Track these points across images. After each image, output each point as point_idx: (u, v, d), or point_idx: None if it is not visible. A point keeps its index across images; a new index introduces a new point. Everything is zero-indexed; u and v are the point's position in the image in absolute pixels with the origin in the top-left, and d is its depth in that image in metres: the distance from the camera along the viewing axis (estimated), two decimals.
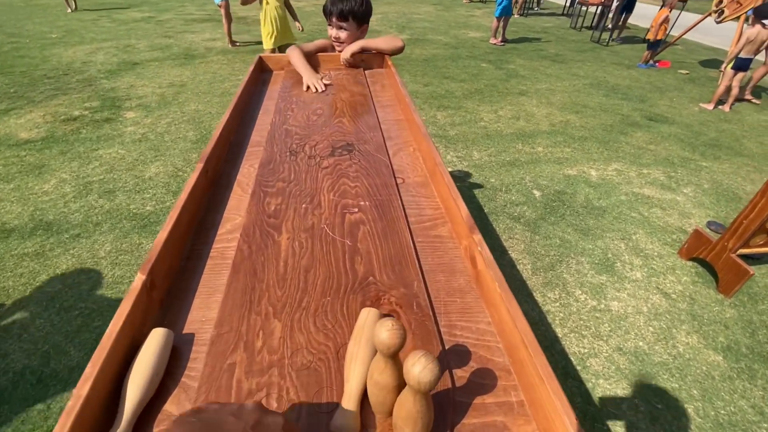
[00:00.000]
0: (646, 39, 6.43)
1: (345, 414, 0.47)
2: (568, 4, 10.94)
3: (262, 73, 1.63)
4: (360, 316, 0.56)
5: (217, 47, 6.24)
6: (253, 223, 0.79)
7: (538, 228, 2.55)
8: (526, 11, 10.81)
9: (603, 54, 7.02)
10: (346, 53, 1.59)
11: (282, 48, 4.33)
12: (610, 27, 7.94)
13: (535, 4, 12.00)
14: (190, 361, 0.56)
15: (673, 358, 1.76)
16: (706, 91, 5.30)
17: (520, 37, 7.98)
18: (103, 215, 2.44)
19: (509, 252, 2.33)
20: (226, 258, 0.74)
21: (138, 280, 0.58)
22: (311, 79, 1.46)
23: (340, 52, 1.63)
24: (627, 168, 3.34)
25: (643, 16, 9.52)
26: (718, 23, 5.97)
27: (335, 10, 1.57)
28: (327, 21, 1.65)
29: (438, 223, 0.85)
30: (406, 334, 0.42)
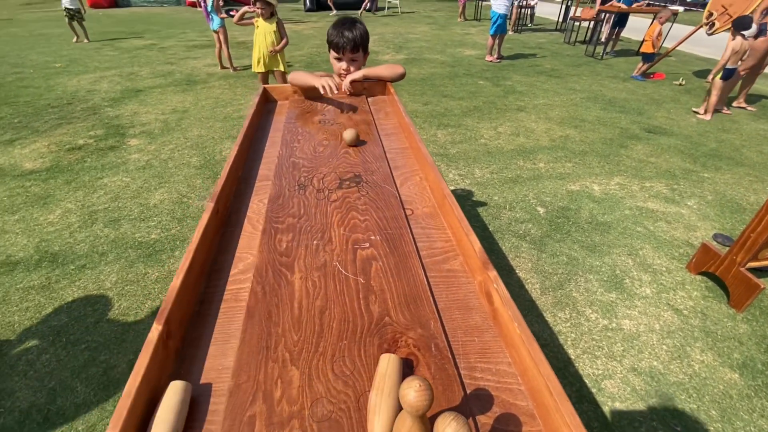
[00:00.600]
0: (641, 52, 6.54)
1: None
2: (561, 19, 11.18)
3: (267, 104, 1.65)
4: (380, 363, 0.55)
5: (218, 72, 6.35)
6: (266, 263, 0.79)
7: (545, 246, 2.54)
8: (519, 28, 11.03)
9: (598, 68, 7.13)
10: (347, 81, 1.60)
11: (268, 74, 4.38)
12: (604, 41, 8.07)
13: (529, 20, 12.25)
14: (209, 414, 0.55)
15: (689, 378, 1.73)
16: (702, 101, 5.35)
17: (516, 53, 8.12)
18: (109, 244, 2.45)
19: (517, 271, 2.32)
20: (240, 300, 0.73)
21: (154, 331, 0.58)
22: (325, 80, 1.42)
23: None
24: (629, 181, 3.35)
25: (636, 29, 9.70)
26: (709, 35, 6.08)
27: (347, 42, 1.55)
28: (336, 54, 1.61)
29: (450, 257, 0.84)
30: (434, 394, 0.41)
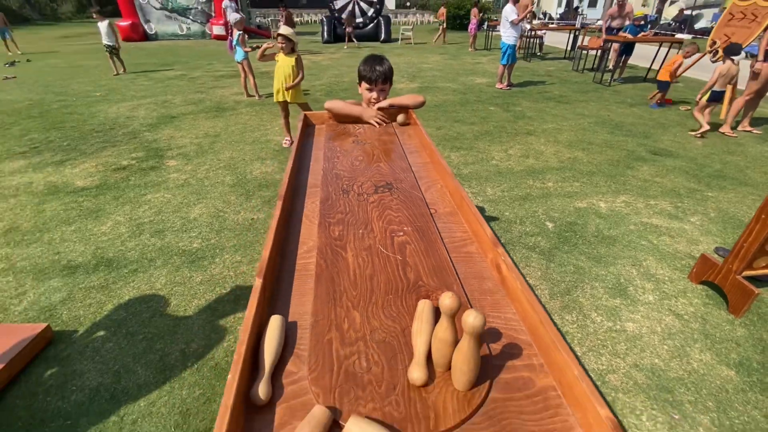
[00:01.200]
0: (657, 80, 6.68)
1: (418, 368, 0.67)
2: (570, 48, 11.60)
3: (307, 128, 1.93)
4: (419, 306, 0.78)
5: (245, 100, 6.82)
6: (325, 245, 1.03)
7: (553, 256, 2.72)
8: (529, 57, 11.46)
9: (606, 94, 7.39)
10: (374, 110, 1.88)
11: (287, 103, 4.60)
12: (611, 68, 8.38)
13: (538, 49, 12.72)
14: (298, 339, 0.78)
15: (688, 374, 1.87)
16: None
17: (525, 80, 8.46)
18: (156, 252, 2.72)
19: (527, 279, 2.50)
20: (309, 270, 0.97)
21: (258, 283, 0.82)
22: (370, 114, 1.69)
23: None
24: (635, 200, 3.53)
25: (643, 56, 10.00)
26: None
27: (379, 76, 1.82)
28: (367, 86, 1.86)
29: (467, 243, 1.07)
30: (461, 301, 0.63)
